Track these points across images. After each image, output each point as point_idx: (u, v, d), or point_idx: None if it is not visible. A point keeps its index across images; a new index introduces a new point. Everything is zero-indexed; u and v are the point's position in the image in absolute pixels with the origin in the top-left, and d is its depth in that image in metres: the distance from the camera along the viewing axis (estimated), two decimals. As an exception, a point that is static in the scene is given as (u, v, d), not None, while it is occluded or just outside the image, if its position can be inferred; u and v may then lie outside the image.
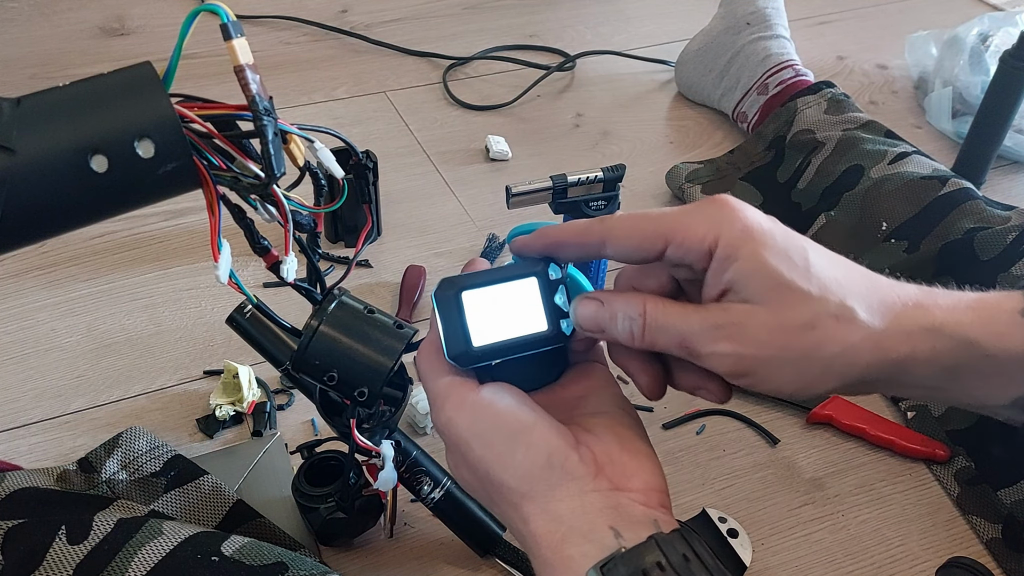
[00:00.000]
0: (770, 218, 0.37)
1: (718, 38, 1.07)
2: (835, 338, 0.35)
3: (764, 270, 0.36)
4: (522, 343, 0.40)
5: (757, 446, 0.70)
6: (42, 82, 0.38)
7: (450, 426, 0.39)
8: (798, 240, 0.37)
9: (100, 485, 0.61)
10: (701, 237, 0.36)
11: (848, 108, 0.93)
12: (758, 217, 0.37)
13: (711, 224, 0.36)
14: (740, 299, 0.36)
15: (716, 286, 0.37)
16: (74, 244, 0.85)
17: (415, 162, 1.00)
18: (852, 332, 0.36)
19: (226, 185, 0.38)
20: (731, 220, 0.36)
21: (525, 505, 0.37)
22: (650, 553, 0.34)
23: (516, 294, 0.40)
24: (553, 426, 0.38)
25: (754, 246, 0.36)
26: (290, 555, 0.51)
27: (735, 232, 0.36)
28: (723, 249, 0.36)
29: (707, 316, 0.37)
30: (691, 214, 0.37)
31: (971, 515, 0.65)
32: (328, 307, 0.45)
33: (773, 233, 0.36)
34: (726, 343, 0.36)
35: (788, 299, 0.35)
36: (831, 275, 0.36)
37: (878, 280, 0.38)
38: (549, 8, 1.34)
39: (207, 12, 0.35)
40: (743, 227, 0.36)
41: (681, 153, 1.04)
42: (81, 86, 0.34)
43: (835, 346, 0.35)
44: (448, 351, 0.40)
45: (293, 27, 1.25)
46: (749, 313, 0.36)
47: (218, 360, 0.74)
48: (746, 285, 0.36)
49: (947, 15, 1.36)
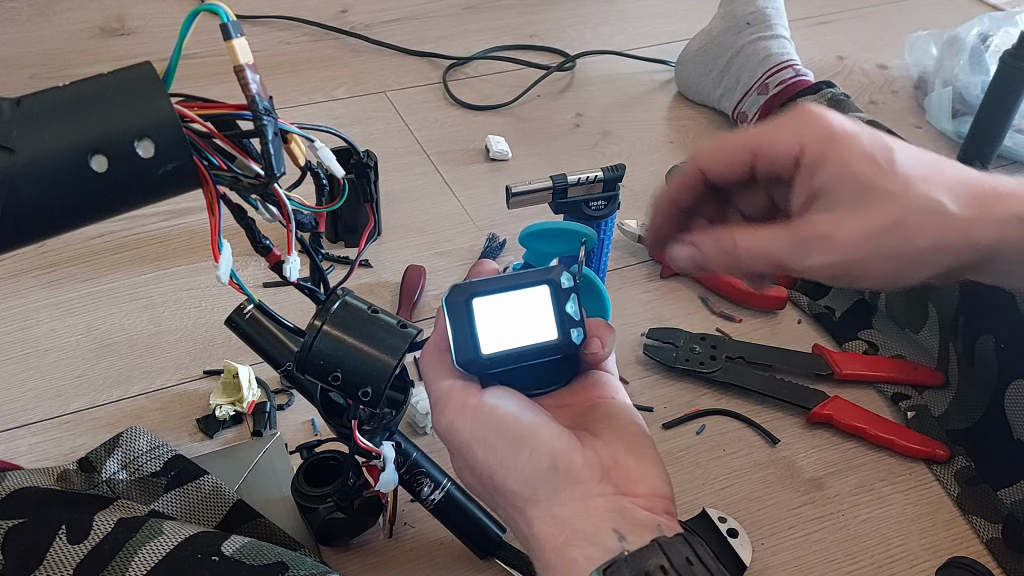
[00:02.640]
0: (855, 120, 0.38)
1: (718, 38, 1.07)
2: (924, 231, 0.36)
3: (850, 174, 0.36)
4: (531, 352, 0.40)
5: (757, 446, 0.70)
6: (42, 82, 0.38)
7: (452, 430, 0.39)
8: (883, 140, 0.37)
9: (100, 485, 0.61)
10: (787, 147, 0.37)
11: (848, 108, 0.93)
12: (842, 121, 0.37)
13: (796, 133, 0.37)
14: (829, 204, 0.37)
15: (805, 192, 0.38)
16: (74, 244, 0.85)
17: (415, 162, 1.00)
18: (941, 223, 0.36)
19: (226, 185, 0.38)
20: (815, 127, 0.37)
21: (529, 508, 0.37)
22: (653, 556, 0.34)
23: (527, 302, 0.40)
24: (557, 430, 0.38)
25: (839, 151, 0.36)
26: (290, 555, 0.51)
27: (820, 138, 0.37)
28: (809, 156, 0.37)
29: (795, 233, 0.37)
30: (776, 127, 0.38)
31: (971, 515, 0.65)
32: (332, 307, 0.45)
33: (858, 135, 0.37)
34: (818, 255, 0.37)
35: (875, 200, 0.36)
36: (917, 172, 0.37)
37: (968, 172, 0.38)
38: (549, 8, 1.34)
39: (207, 12, 0.34)
40: (828, 132, 0.37)
41: (681, 153, 1.04)
42: (81, 86, 0.34)
43: (925, 239, 0.36)
44: (457, 358, 0.40)
45: (293, 27, 1.25)
46: (836, 223, 0.36)
47: (218, 360, 0.73)
48: (833, 189, 0.37)
49: (947, 15, 1.36)
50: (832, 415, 0.70)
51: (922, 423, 0.70)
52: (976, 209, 0.37)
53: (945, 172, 0.38)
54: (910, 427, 0.70)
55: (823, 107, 0.39)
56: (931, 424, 0.70)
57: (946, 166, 0.38)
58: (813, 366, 0.75)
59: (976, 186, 0.37)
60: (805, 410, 0.71)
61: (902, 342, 0.76)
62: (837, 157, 0.37)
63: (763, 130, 0.39)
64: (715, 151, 0.40)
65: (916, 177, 0.37)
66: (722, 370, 0.73)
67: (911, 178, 0.36)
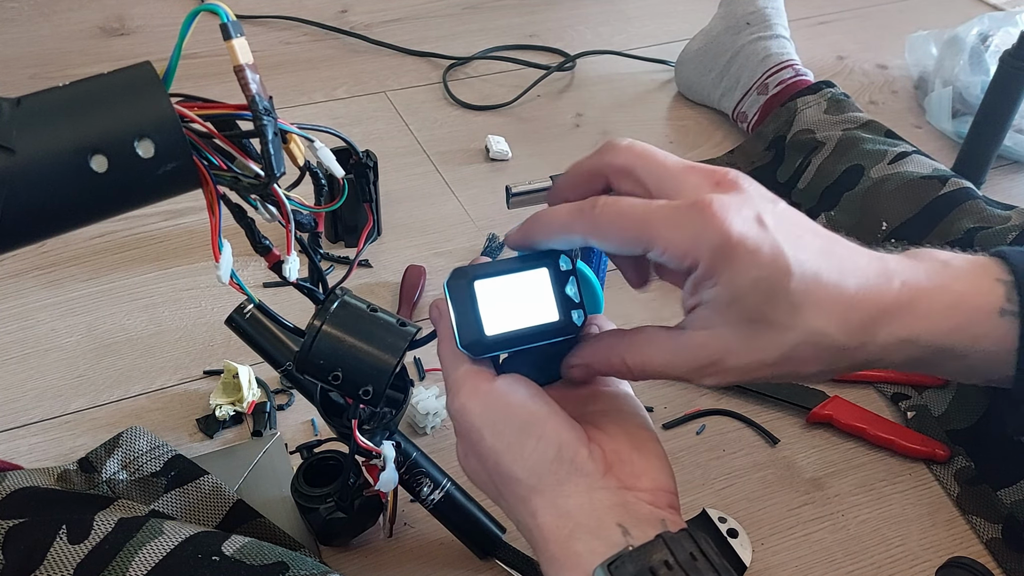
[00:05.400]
0: (760, 220, 0.35)
1: (718, 38, 1.07)
2: (810, 362, 0.37)
3: (738, 302, 0.36)
4: (534, 333, 0.40)
5: (757, 446, 0.70)
6: (42, 82, 0.38)
7: (463, 413, 0.39)
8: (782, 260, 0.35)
9: (100, 485, 0.61)
10: (680, 254, 0.36)
11: (848, 108, 0.93)
12: (744, 230, 0.35)
13: (691, 240, 0.35)
14: (717, 321, 0.36)
15: (694, 298, 0.37)
16: (74, 244, 0.85)
17: (415, 162, 1.00)
18: (826, 355, 0.36)
19: (226, 185, 0.38)
20: (712, 238, 0.35)
21: (533, 499, 0.37)
22: (657, 551, 0.34)
23: (528, 284, 0.40)
24: (565, 420, 0.39)
25: (731, 274, 0.35)
26: (291, 555, 0.51)
27: (714, 254, 0.35)
28: (700, 272, 0.36)
29: (686, 356, 0.38)
30: (673, 223, 0.36)
31: (971, 515, 0.65)
32: (331, 307, 0.45)
33: (757, 252, 0.35)
34: (711, 379, 0.38)
35: (762, 332, 0.36)
36: (810, 298, 0.36)
37: (866, 279, 0.37)
38: (549, 8, 1.34)
39: (207, 12, 0.35)
40: (724, 246, 0.35)
41: (681, 153, 1.03)
42: (81, 86, 0.34)
43: (811, 368, 0.37)
44: (460, 340, 0.40)
45: (293, 27, 1.25)
46: (725, 350, 0.37)
47: (218, 360, 0.74)
48: (721, 311, 0.36)
49: (947, 15, 1.36)
50: (832, 415, 0.70)
51: (922, 423, 0.70)
52: (861, 335, 0.36)
53: (843, 286, 0.36)
54: (910, 427, 0.70)
55: (728, 202, 0.35)
56: (931, 424, 0.70)
57: (847, 277, 0.36)
58: (813, 366, 0.75)
59: (869, 304, 0.36)
60: (805, 410, 0.71)
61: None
62: (728, 280, 0.35)
63: (658, 226, 0.36)
64: (608, 233, 0.38)
65: (806, 305, 0.35)
66: (722, 370, 0.73)
67: (801, 306, 0.35)
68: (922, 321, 0.37)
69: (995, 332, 0.37)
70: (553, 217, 0.40)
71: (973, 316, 0.37)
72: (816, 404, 0.71)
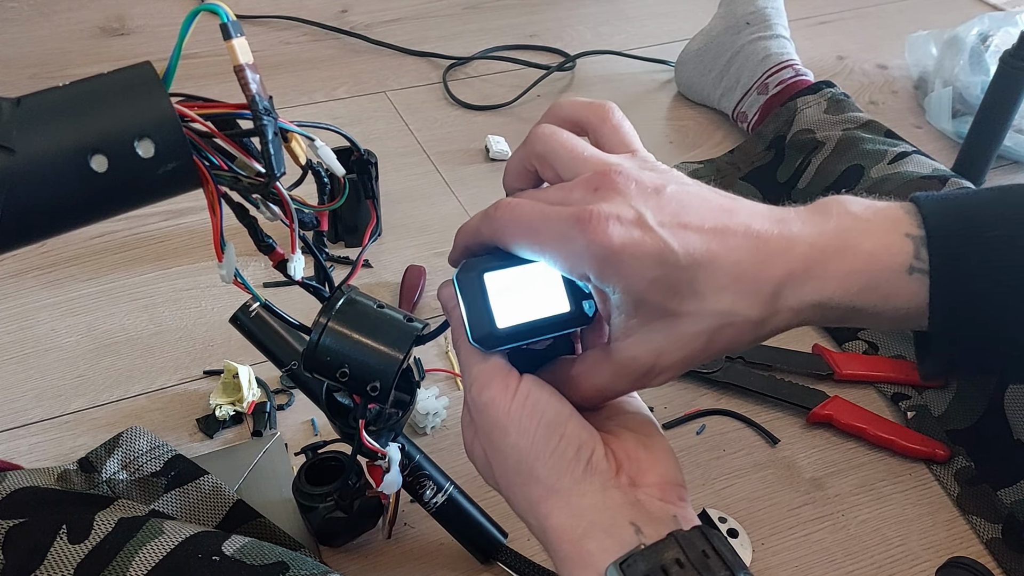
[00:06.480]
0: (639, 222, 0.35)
1: (718, 38, 1.07)
2: (737, 338, 0.37)
3: (645, 305, 0.36)
4: (546, 324, 0.39)
5: (757, 446, 0.70)
6: (42, 82, 0.38)
7: (491, 406, 0.39)
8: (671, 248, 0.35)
9: (100, 485, 0.61)
10: (570, 267, 0.37)
11: (848, 108, 0.93)
12: (624, 236, 0.35)
13: (577, 256, 0.36)
14: (637, 325, 0.37)
15: (604, 308, 0.39)
16: (74, 244, 0.85)
17: (415, 162, 1.00)
18: (739, 331, 0.37)
19: (227, 184, 0.38)
20: (596, 252, 0.35)
21: (550, 498, 0.38)
22: (670, 550, 0.34)
23: (537, 275, 0.40)
24: (582, 421, 0.39)
25: (625, 281, 0.36)
26: (291, 555, 0.51)
27: (602, 265, 0.35)
28: (595, 283, 0.37)
29: (628, 372, 0.39)
30: (559, 236, 0.36)
31: (971, 515, 0.65)
32: (337, 303, 0.45)
33: (642, 254, 0.35)
34: (657, 380, 0.39)
35: (679, 323, 0.37)
36: (712, 281, 0.36)
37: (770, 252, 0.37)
38: (549, 8, 1.34)
39: (207, 12, 0.35)
40: (608, 258, 0.35)
41: (681, 153, 1.04)
42: (81, 86, 0.34)
43: (728, 345, 0.38)
44: (472, 334, 0.39)
45: (293, 27, 1.25)
46: (657, 353, 0.38)
47: (218, 360, 0.73)
48: (633, 316, 0.37)
49: (947, 15, 1.36)
50: (832, 415, 0.70)
51: (922, 423, 0.70)
52: (772, 305, 0.37)
53: (741, 263, 0.36)
54: (910, 427, 0.70)
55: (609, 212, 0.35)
56: (931, 424, 0.70)
57: (744, 253, 0.36)
58: (813, 366, 0.75)
59: (772, 275, 0.36)
60: (805, 410, 0.71)
61: (902, 342, 0.76)
62: (626, 287, 0.36)
63: (546, 234, 0.37)
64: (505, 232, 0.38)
65: (708, 290, 0.36)
66: (722, 370, 0.73)
67: (703, 293, 0.36)
68: (831, 284, 0.37)
69: (905, 290, 0.37)
70: (469, 224, 0.41)
71: (881, 275, 0.37)
72: (816, 404, 0.71)
